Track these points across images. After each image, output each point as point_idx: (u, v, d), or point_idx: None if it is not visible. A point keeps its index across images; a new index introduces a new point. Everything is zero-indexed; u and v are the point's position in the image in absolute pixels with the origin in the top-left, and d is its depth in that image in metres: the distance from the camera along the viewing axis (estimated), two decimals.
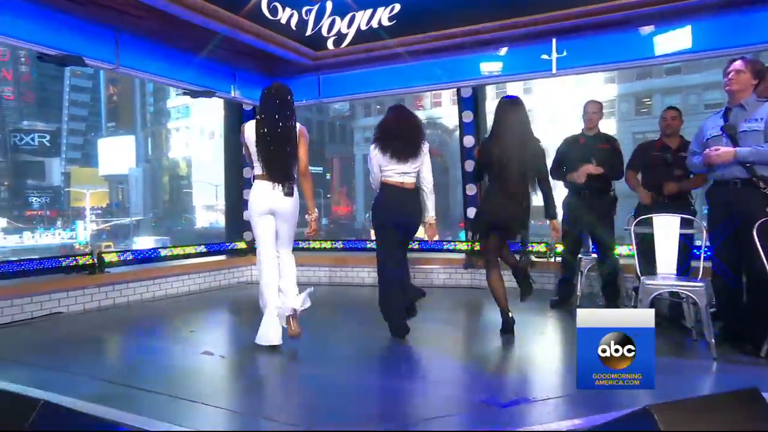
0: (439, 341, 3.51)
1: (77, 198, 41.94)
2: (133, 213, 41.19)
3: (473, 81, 5.05)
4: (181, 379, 2.76)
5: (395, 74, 5.19)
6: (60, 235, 31.45)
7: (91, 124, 51.03)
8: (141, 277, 4.98)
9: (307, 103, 5.80)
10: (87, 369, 2.88)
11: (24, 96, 45.25)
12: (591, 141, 4.24)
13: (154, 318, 4.34)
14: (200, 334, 3.82)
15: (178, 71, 4.69)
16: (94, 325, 4.03)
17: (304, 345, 3.26)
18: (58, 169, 45.32)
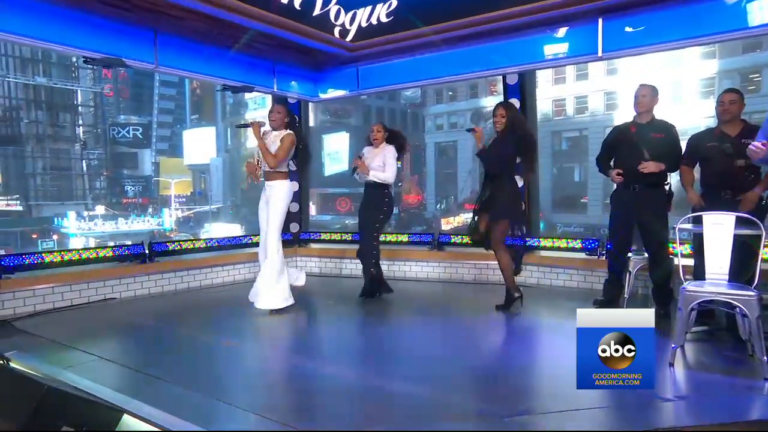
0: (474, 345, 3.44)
1: (165, 186, 45.30)
2: (214, 201, 43.77)
3: (516, 67, 4.83)
4: (192, 369, 2.93)
5: (435, 63, 5.10)
6: (149, 221, 34.17)
7: (177, 117, 54.69)
8: (189, 266, 5.31)
9: (348, 95, 5.85)
10: (117, 355, 3.14)
11: (121, 92, 49.33)
12: (644, 130, 3.92)
13: (194, 307, 4.64)
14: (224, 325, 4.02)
15: (216, 67, 4.90)
16: (138, 312, 4.38)
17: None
18: (149, 159, 49.07)
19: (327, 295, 5.11)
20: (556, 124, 29.78)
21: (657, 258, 3.93)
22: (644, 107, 3.91)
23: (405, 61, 5.23)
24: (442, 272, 5.63)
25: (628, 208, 3.95)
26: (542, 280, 5.16)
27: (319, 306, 4.90)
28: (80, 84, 35.88)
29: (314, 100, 6.13)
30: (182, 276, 5.25)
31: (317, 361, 3.22)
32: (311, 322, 4.37)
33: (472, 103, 32.54)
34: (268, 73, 5.45)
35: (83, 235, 30.06)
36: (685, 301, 2.97)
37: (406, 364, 3.11)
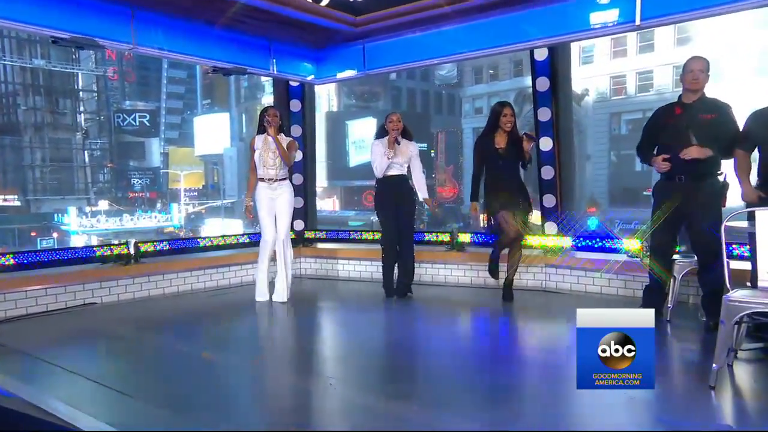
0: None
1: (174, 179, 46.37)
2: (228, 195, 44.55)
3: (544, 40, 4.74)
4: (163, 383, 2.99)
5: (450, 38, 5.04)
6: (156, 217, 35.12)
7: (188, 102, 55.84)
8: (179, 268, 5.43)
9: (354, 77, 5.86)
10: (82, 366, 3.23)
11: (126, 76, 50.64)
12: (691, 110, 3.77)
13: (181, 313, 4.75)
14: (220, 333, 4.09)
15: (204, 47, 4.98)
16: (119, 319, 4.50)
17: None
18: (158, 149, 50.25)
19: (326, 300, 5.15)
20: (614, 105, 29.09)
21: (707, 261, 3.78)
22: (700, 85, 3.74)
23: (416, 37, 5.20)
24: (462, 276, 5.60)
25: (674, 202, 3.81)
26: (575, 285, 5.07)
27: (318, 314, 4.95)
28: (81, 67, 36.91)
29: (317, 83, 6.16)
30: (171, 279, 5.37)
31: (303, 375, 3.24)
32: (305, 332, 4.41)
33: (516, 83, 32.05)
34: (263, 53, 5.50)
35: (85, 232, 31.16)
36: (729, 312, 2.85)
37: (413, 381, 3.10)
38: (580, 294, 4.98)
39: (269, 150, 4.80)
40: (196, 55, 5.02)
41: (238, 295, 5.37)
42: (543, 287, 5.20)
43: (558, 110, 5.19)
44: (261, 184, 4.88)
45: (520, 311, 4.71)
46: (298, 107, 6.16)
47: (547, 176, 5.32)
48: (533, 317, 4.56)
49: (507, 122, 4.64)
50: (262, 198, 4.89)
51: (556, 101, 5.17)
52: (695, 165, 3.70)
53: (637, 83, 28.39)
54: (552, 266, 5.18)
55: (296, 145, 5.05)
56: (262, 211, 4.91)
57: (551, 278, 5.22)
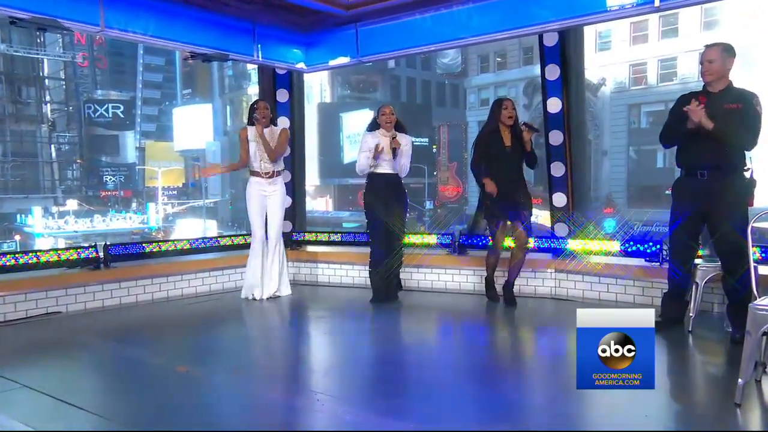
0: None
1: (151, 176, 46.31)
2: (210, 194, 44.55)
3: (555, 23, 4.74)
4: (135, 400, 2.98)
5: (451, 21, 5.06)
6: (131, 218, 35.06)
7: (167, 92, 55.87)
8: (153, 274, 5.41)
9: (347, 64, 5.86)
10: (43, 382, 3.22)
11: (98, 62, 50.54)
12: (715, 100, 3.78)
13: (155, 323, 4.73)
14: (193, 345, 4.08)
15: (181, 31, 4.96)
16: (86, 329, 4.48)
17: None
18: (133, 143, 50.17)
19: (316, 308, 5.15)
20: (633, 95, 29.14)
21: (732, 266, 3.78)
22: (714, 74, 3.78)
23: (415, 20, 5.20)
24: (464, 281, 5.60)
25: (696, 200, 3.84)
26: (588, 292, 5.07)
27: (306, 323, 4.94)
28: (47, 51, 36.67)
29: (306, 71, 6.15)
30: (145, 285, 5.36)
31: (288, 389, 3.23)
32: (292, 343, 4.40)
33: (525, 72, 32.10)
34: (247, 37, 5.49)
35: (51, 235, 31.08)
36: (756, 322, 2.84)
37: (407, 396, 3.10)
38: (593, 302, 4.97)
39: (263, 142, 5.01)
40: (172, 39, 4.99)
41: (219, 303, 5.35)
42: (553, 294, 5.20)
43: (569, 101, 5.19)
44: (255, 180, 5.00)
45: (525, 321, 4.72)
46: (285, 97, 6.14)
47: (557, 173, 5.32)
48: (538, 327, 4.56)
49: (508, 116, 4.74)
50: (254, 194, 5.02)
51: (568, 91, 5.17)
52: (720, 159, 3.71)
53: (659, 72, 28.39)
54: (563, 271, 5.18)
55: (287, 134, 5.18)
56: (253, 208, 5.03)
57: (562, 284, 5.21)
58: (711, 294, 4.33)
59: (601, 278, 5.01)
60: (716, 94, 3.80)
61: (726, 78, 3.81)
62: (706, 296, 4.16)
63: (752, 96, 3.76)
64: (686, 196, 3.93)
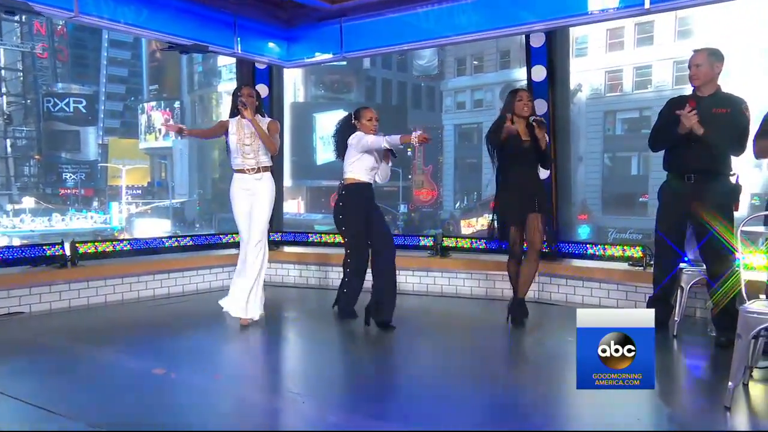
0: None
1: (115, 175, 45.56)
2: (177, 194, 43.98)
3: (542, 24, 4.80)
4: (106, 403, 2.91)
5: (438, 19, 5.08)
6: (93, 218, 34.40)
7: (132, 87, 54.91)
8: (123, 273, 5.30)
9: (330, 60, 5.84)
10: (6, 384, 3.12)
11: (59, 53, 49.49)
12: (705, 104, 3.87)
13: (126, 324, 4.64)
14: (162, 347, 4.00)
15: (159, 19, 4.88)
16: (52, 330, 4.37)
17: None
18: (95, 140, 49.27)
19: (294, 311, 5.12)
20: (609, 102, 29.68)
21: (718, 270, 3.86)
22: (701, 79, 3.88)
23: (401, 17, 5.21)
24: (446, 284, 5.61)
25: (682, 204, 3.91)
26: (571, 296, 5.12)
27: (285, 327, 4.89)
28: (3, 41, 35.76)
29: (287, 66, 6.12)
30: (115, 285, 5.24)
31: (270, 393, 3.19)
32: (273, 344, 4.36)
33: (502, 75, 32.43)
34: (227, 29, 5.43)
35: (6, 234, 30.30)
36: (747, 325, 2.90)
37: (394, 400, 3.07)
38: (576, 306, 5.02)
39: (245, 135, 4.43)
40: (149, 28, 4.90)
41: (193, 305, 5.27)
42: (536, 298, 5.23)
43: (555, 103, 5.25)
44: (238, 177, 4.52)
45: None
46: (264, 93, 6.08)
47: (541, 176, 5.36)
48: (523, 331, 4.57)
49: (524, 106, 4.33)
50: (238, 193, 4.53)
51: (554, 93, 5.23)
52: (706, 164, 3.79)
53: (635, 79, 28.98)
54: (546, 275, 5.22)
55: (278, 126, 4.66)
56: (237, 208, 4.54)
57: (545, 288, 5.25)
58: (694, 299, 4.39)
59: (585, 282, 5.07)
60: (705, 98, 3.89)
61: (714, 82, 3.91)
62: (689, 300, 4.21)
63: (741, 102, 3.86)
64: (672, 200, 4.01)
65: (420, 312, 5.07)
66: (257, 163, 4.48)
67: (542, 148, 4.35)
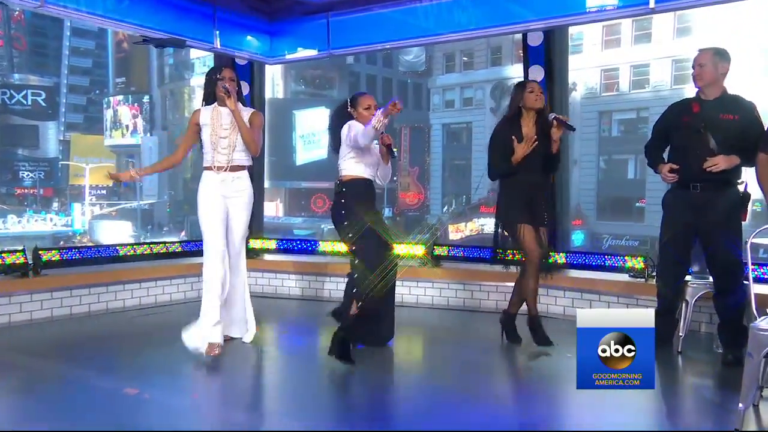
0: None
1: (77, 173, 45.06)
2: (146, 195, 43.61)
3: (541, 22, 4.85)
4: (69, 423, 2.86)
5: (431, 16, 5.12)
6: (52, 220, 33.97)
7: (97, 79, 54.38)
8: (91, 282, 5.24)
9: (316, 57, 5.86)
10: None
11: (15, 42, 48.88)
12: (710, 109, 3.91)
13: (97, 338, 4.58)
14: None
15: (133, 10, 4.83)
16: (11, 345, 4.31)
17: None
18: (56, 135, 48.72)
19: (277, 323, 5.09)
20: (605, 102, 29.94)
21: (724, 284, 3.92)
22: (705, 79, 3.91)
23: (392, 12, 5.23)
24: (437, 295, 5.63)
25: (687, 214, 3.94)
26: (569, 309, 5.16)
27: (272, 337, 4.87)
28: None
29: (269, 62, 6.10)
30: (82, 295, 5.19)
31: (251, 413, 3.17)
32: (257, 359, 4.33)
33: (493, 73, 32.63)
34: (206, 22, 5.40)
35: None
36: (758, 344, 2.92)
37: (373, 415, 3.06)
38: (574, 319, 5.04)
39: (221, 126, 4.02)
40: (122, 19, 4.85)
41: (167, 316, 5.21)
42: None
43: (553, 104, 5.28)
44: (208, 176, 4.08)
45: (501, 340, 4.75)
46: (245, 90, 6.04)
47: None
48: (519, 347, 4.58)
49: (536, 98, 4.13)
50: (209, 194, 4.06)
51: (551, 94, 5.26)
52: (713, 171, 3.81)
53: (632, 78, 29.26)
54: (542, 286, 5.22)
55: (262, 120, 4.23)
56: (208, 214, 4.06)
57: (542, 300, 5.22)
58: (699, 313, 4.44)
59: (584, 294, 5.11)
60: (710, 102, 3.91)
61: (720, 84, 3.92)
62: (694, 314, 4.25)
63: (752, 106, 3.88)
64: (678, 209, 4.03)
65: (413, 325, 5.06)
66: (230, 161, 4.03)
67: (555, 151, 4.17)
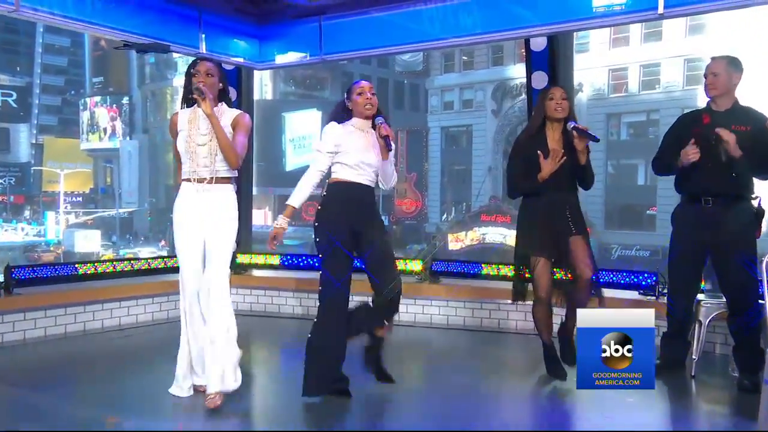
0: None
1: (51, 179, 45.00)
2: (125, 202, 43.56)
3: (544, 28, 4.90)
4: None
5: (428, 20, 5.15)
6: (24, 230, 33.88)
7: (73, 79, 54.42)
8: (67, 302, 5.24)
9: (308, 62, 5.89)
10: None
11: None
12: (721, 120, 3.96)
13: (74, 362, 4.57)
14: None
15: (112, 14, 4.87)
16: None
17: None
18: (27, 139, 48.69)
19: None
20: (613, 104, 30.07)
21: (739, 304, 3.95)
22: (718, 89, 3.96)
23: (388, 16, 5.27)
24: (436, 314, 5.65)
25: (699, 230, 3.98)
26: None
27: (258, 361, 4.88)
28: None
29: (258, 67, 6.15)
30: (57, 316, 5.18)
31: None
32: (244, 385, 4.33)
33: (494, 73, 32.76)
34: (191, 25, 5.46)
35: None
36: None
37: None
38: None
39: (199, 132, 3.63)
40: (101, 24, 4.89)
41: (149, 338, 5.25)
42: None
43: None
44: (186, 188, 3.69)
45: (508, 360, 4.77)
46: (233, 97, 6.07)
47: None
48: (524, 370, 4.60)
49: (557, 106, 3.96)
50: (184, 211, 3.68)
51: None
52: (724, 187, 3.88)
53: (641, 78, 29.37)
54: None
55: (248, 123, 3.76)
56: (180, 232, 3.70)
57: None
58: (713, 333, 4.44)
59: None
60: (721, 113, 3.97)
61: (732, 95, 3.99)
62: (708, 335, 4.26)
63: (763, 118, 3.91)
64: (688, 226, 4.07)
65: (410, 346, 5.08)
66: (214, 172, 3.64)
67: (582, 162, 3.95)
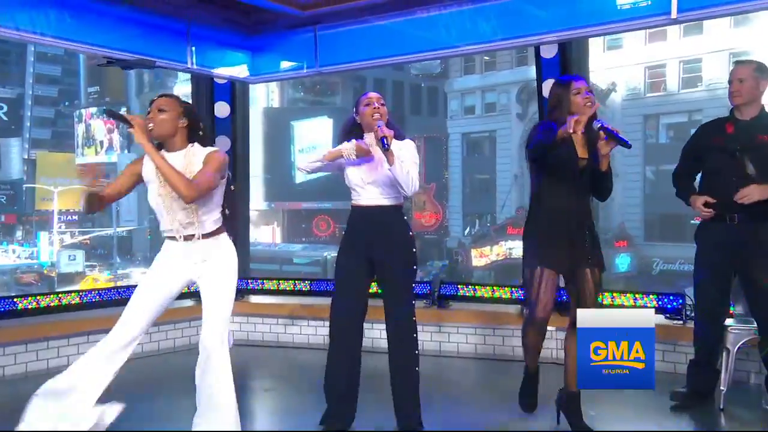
0: None
1: (44, 197, 45.46)
2: (124, 221, 43.89)
3: (554, 35, 4.95)
4: None
5: (430, 28, 5.22)
6: (15, 251, 34.21)
7: (67, 90, 55.09)
8: (50, 335, 5.29)
9: (304, 75, 5.96)
10: None
11: None
12: (745, 129, 3.99)
13: None
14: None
15: (93, 30, 4.98)
16: None
17: None
18: (19, 154, 49.26)
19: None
20: (650, 104, 29.91)
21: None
22: (743, 97, 4.00)
23: (387, 25, 5.35)
24: (445, 341, 5.68)
25: (725, 250, 4.01)
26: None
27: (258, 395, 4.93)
28: None
29: (251, 81, 6.27)
30: (39, 350, 5.24)
31: None
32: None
33: (518, 74, 32.66)
34: (179, 39, 5.55)
35: None
36: None
37: None
38: None
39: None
40: (81, 40, 5.00)
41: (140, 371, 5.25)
42: (552, 358, 5.25)
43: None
44: (170, 245, 3.52)
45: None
46: (226, 112, 6.20)
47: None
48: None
49: (586, 101, 3.64)
50: (167, 257, 3.51)
51: None
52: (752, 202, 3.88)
53: (681, 75, 29.16)
54: (559, 329, 5.20)
55: (220, 159, 3.43)
56: (152, 277, 3.52)
57: (559, 344, 5.09)
58: (745, 361, 4.44)
59: None
60: (746, 122, 4.01)
61: (758, 103, 4.03)
62: (739, 364, 4.27)
63: None
64: (713, 245, 4.09)
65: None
66: (201, 227, 3.46)
67: (603, 169, 3.68)
